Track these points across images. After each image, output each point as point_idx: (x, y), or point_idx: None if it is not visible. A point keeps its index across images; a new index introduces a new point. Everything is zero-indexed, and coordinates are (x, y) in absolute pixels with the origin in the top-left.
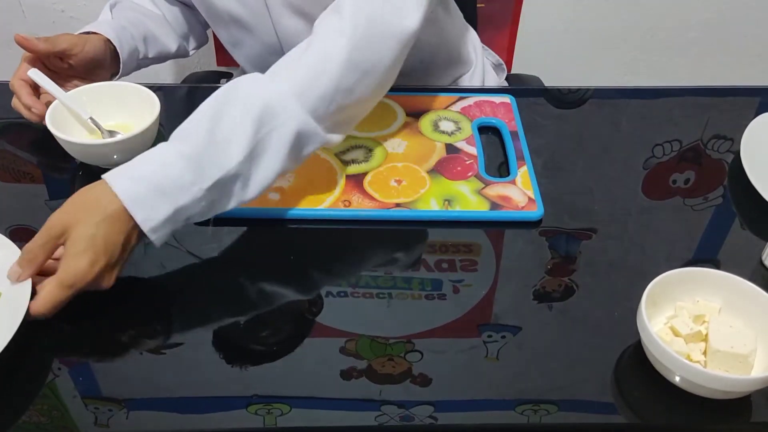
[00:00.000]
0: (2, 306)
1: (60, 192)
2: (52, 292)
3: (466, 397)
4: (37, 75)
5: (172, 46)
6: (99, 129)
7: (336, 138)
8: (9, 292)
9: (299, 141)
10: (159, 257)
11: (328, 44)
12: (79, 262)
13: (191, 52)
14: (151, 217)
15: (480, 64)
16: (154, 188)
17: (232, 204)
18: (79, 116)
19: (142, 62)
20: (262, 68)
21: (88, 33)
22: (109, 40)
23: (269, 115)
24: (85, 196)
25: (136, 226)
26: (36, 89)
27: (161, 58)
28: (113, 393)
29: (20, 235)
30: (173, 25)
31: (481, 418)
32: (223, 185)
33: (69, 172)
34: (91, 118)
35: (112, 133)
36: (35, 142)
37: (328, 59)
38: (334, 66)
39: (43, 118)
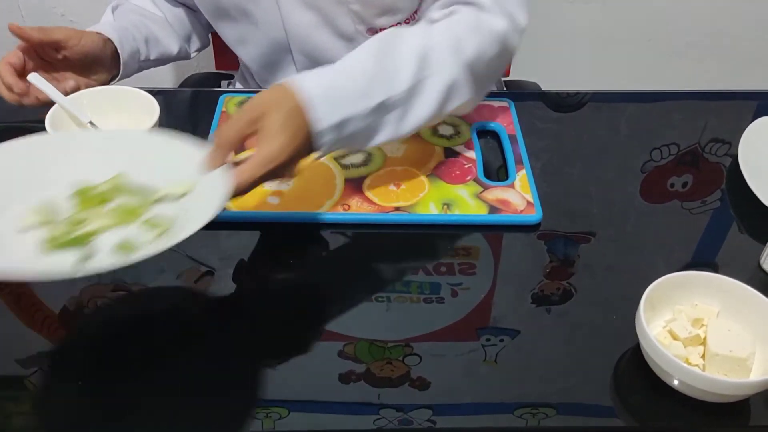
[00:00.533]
0: (202, 190)
1: None
2: (252, 169)
3: (465, 400)
4: (36, 79)
5: (174, 48)
6: None
7: (472, 102)
8: (206, 179)
9: (449, 92)
10: (158, 261)
11: (485, 17)
12: (274, 143)
13: (192, 55)
14: (322, 119)
15: None
16: (331, 94)
17: (385, 135)
18: (78, 120)
19: (143, 64)
20: (268, 66)
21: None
22: (109, 40)
23: (429, 60)
24: (275, 90)
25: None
26: (22, 75)
27: (163, 61)
28: (112, 397)
29: None
30: (175, 27)
31: (480, 422)
32: (385, 110)
33: None
34: (90, 122)
35: None
36: None
37: (482, 27)
38: (487, 35)
39: (23, 96)
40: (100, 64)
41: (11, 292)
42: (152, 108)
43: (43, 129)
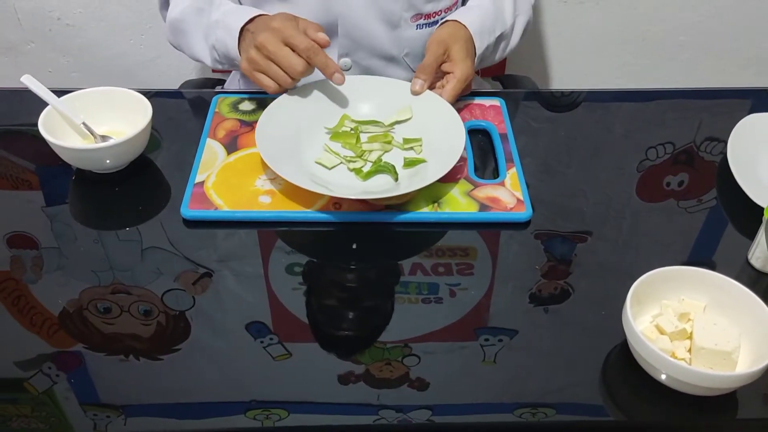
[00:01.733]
0: (421, 111)
1: (56, 198)
2: (454, 87)
3: (464, 400)
4: (30, 81)
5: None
6: (92, 134)
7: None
8: (418, 102)
9: (525, 30)
10: (155, 262)
11: None
12: (466, 64)
13: None
14: (479, 47)
15: None
16: (481, 29)
17: (491, 61)
18: (71, 121)
19: None
20: None
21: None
22: None
23: (518, 1)
24: (449, 26)
25: None
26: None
27: None
28: (111, 399)
29: (18, 243)
30: None
31: (479, 421)
32: (500, 40)
33: (65, 178)
34: (83, 123)
35: (104, 137)
36: (31, 149)
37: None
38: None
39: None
40: None
41: (10, 295)
42: (145, 108)
43: (37, 132)
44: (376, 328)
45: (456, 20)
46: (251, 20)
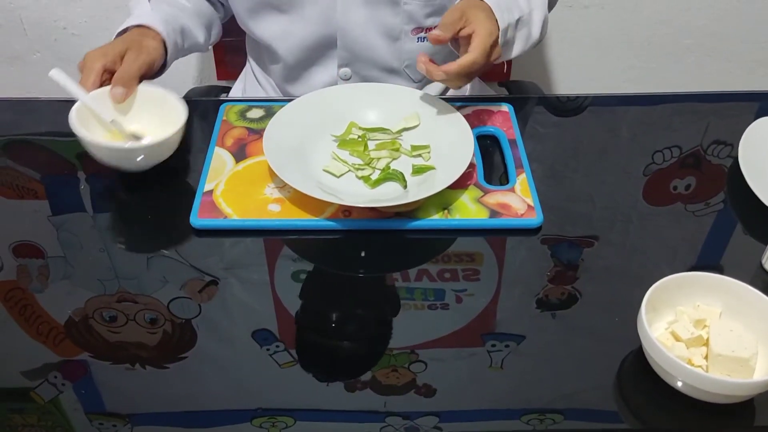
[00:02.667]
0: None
1: (62, 207)
2: (481, 42)
3: (471, 407)
4: (58, 75)
5: (201, 38)
6: (121, 132)
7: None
8: (425, 108)
9: (543, 26)
10: (161, 271)
11: None
12: (489, 22)
13: (210, 46)
14: (500, 21)
15: None
16: (499, 5)
17: (516, 50)
18: (99, 118)
19: (177, 55)
20: (306, 61)
21: (139, 26)
22: (159, 35)
23: (534, 1)
24: (465, 1)
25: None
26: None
27: (190, 50)
28: (117, 408)
29: (24, 252)
30: (200, 18)
31: (487, 428)
32: (521, 25)
33: (71, 187)
34: (112, 121)
35: (134, 136)
36: (37, 159)
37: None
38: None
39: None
40: (157, 66)
41: (17, 304)
42: (178, 109)
43: (43, 141)
44: (382, 335)
45: None
46: (131, 28)
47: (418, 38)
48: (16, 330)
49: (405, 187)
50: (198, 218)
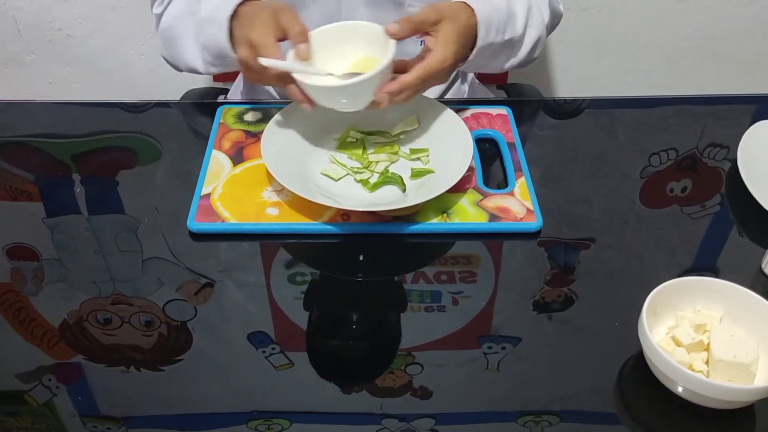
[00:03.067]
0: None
1: (57, 209)
2: (429, 65)
3: (468, 409)
4: (269, 61)
5: None
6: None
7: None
8: (424, 111)
9: (535, 46)
10: (156, 273)
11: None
12: (449, 48)
13: None
14: (481, 39)
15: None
16: (489, 22)
17: (492, 68)
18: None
19: None
20: None
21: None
22: None
23: (532, 13)
24: (454, 4)
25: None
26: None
27: None
28: (112, 411)
29: (18, 254)
30: None
31: (483, 430)
32: (507, 46)
33: (65, 189)
34: (329, 74)
35: (349, 76)
36: (32, 161)
37: (554, 6)
38: (556, 14)
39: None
40: None
41: (11, 307)
42: (382, 39)
43: (37, 143)
44: (379, 338)
45: (464, 1)
46: (235, 13)
47: (421, 41)
48: (10, 333)
49: (404, 190)
50: (195, 222)
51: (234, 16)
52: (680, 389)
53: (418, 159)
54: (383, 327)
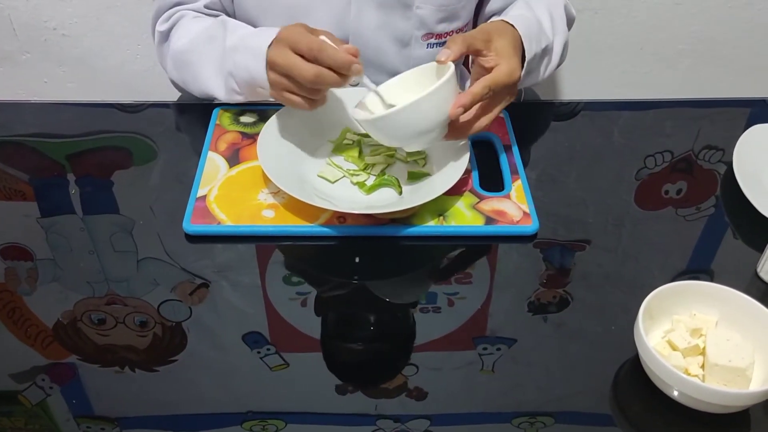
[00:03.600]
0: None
1: (52, 209)
2: (497, 77)
3: (462, 410)
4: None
5: None
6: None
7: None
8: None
9: (563, 52)
10: (151, 273)
11: (567, 3)
12: (513, 60)
13: None
14: (528, 51)
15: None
16: (528, 34)
17: (534, 79)
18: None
19: None
20: None
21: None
22: None
23: (555, 20)
24: (494, 23)
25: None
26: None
27: None
28: (106, 411)
29: (12, 254)
30: None
31: (478, 431)
32: (543, 54)
33: (60, 189)
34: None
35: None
36: (26, 161)
37: (569, 9)
38: (570, 18)
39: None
40: None
41: (5, 307)
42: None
43: (32, 143)
44: (376, 340)
45: (502, 19)
46: (274, 41)
47: (428, 44)
48: (4, 333)
49: (400, 193)
50: (191, 224)
51: (271, 45)
52: (676, 393)
53: (415, 161)
54: (379, 328)
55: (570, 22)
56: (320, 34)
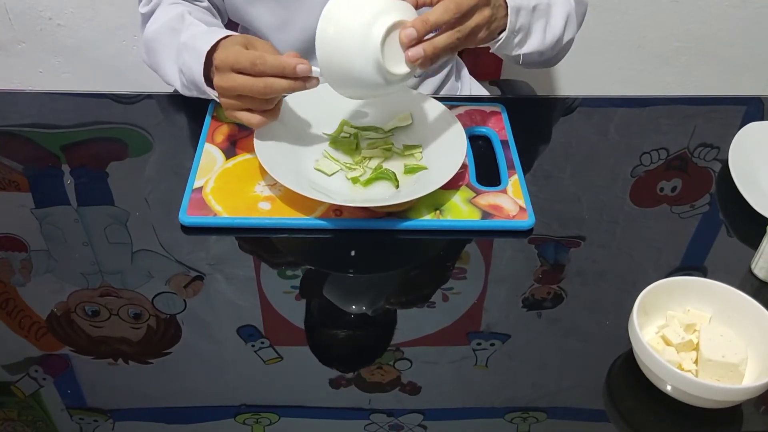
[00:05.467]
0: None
1: (46, 200)
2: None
3: (456, 405)
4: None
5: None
6: None
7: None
8: (418, 108)
9: (567, 23)
10: (146, 267)
11: None
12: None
13: None
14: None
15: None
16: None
17: (534, 43)
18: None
19: None
20: (306, 53)
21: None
22: None
23: None
24: None
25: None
26: None
27: None
28: (99, 403)
29: (6, 245)
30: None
31: (471, 426)
32: (537, 13)
33: (54, 180)
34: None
35: None
36: (20, 151)
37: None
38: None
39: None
40: None
41: None
42: None
43: (27, 133)
44: (369, 333)
45: None
46: (215, 46)
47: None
48: None
49: (397, 186)
50: (187, 215)
51: (211, 55)
52: (669, 388)
53: (412, 155)
54: (373, 322)
55: (581, 4)
56: (258, 47)
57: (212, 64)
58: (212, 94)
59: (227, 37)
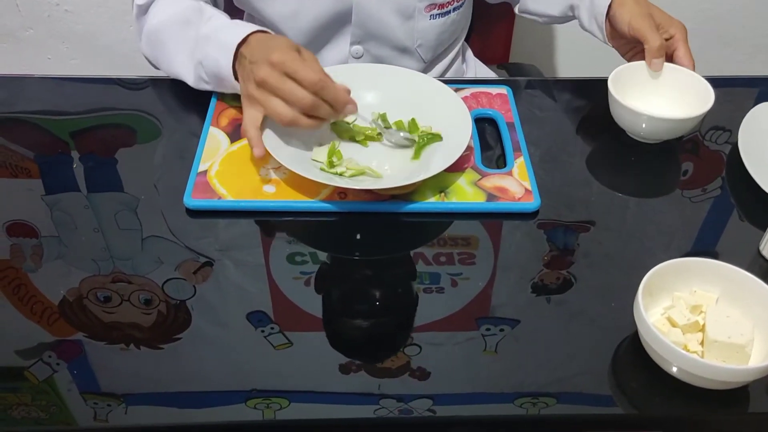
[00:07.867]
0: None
1: (56, 187)
2: (686, 48)
3: (465, 390)
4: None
5: None
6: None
7: None
8: (423, 91)
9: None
10: (156, 251)
11: None
12: (676, 20)
13: None
14: None
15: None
16: None
17: None
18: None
19: None
20: (317, 41)
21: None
22: None
23: None
24: (622, 3)
25: None
26: None
27: None
28: (112, 388)
29: (17, 231)
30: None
31: (480, 411)
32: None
33: (64, 166)
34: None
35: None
36: (30, 137)
37: None
38: None
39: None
40: None
41: (10, 284)
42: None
43: (36, 119)
44: (378, 318)
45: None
46: (246, 39)
47: (430, 16)
48: (10, 309)
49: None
50: (192, 199)
51: (239, 49)
52: (675, 369)
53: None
54: (382, 307)
55: None
56: (304, 54)
57: (239, 58)
58: (237, 87)
59: (259, 32)
